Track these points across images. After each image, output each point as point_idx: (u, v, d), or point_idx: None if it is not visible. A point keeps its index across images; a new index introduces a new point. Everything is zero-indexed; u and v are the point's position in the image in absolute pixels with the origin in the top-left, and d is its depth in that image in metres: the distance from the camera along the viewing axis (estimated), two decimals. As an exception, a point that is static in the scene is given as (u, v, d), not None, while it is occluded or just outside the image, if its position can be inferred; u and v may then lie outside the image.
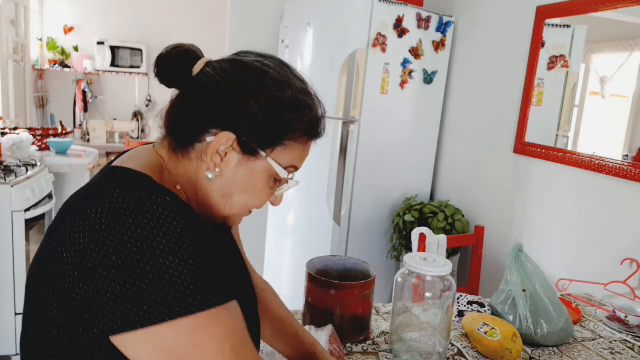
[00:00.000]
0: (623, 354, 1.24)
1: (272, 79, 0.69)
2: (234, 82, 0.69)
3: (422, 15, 2.37)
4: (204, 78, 0.69)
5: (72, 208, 0.63)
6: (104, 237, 0.57)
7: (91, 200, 0.61)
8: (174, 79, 0.71)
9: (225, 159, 0.69)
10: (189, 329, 0.58)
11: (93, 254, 0.57)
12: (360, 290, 1.14)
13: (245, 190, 0.72)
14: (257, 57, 0.73)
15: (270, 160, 0.70)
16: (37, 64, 4.58)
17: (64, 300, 0.59)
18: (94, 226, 0.58)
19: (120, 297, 0.56)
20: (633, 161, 1.64)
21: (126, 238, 0.57)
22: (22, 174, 2.24)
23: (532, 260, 1.30)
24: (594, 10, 1.77)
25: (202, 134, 0.69)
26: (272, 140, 0.70)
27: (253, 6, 2.98)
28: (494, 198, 2.27)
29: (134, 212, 0.58)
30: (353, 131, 2.32)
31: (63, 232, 0.60)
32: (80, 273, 0.57)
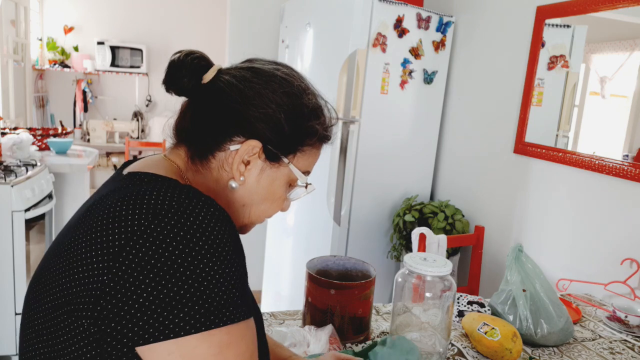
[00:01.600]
0: (623, 354, 1.24)
1: (297, 87, 0.70)
2: (258, 90, 0.68)
3: (422, 15, 2.37)
4: (225, 85, 0.68)
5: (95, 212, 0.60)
6: (142, 239, 0.54)
7: (126, 202, 0.57)
8: (186, 87, 0.69)
9: (248, 167, 0.69)
10: (219, 343, 0.56)
11: (129, 257, 0.54)
12: (360, 290, 1.14)
13: (265, 199, 0.72)
14: (274, 65, 0.73)
15: (291, 166, 0.71)
16: (37, 64, 4.58)
17: (90, 307, 0.55)
18: (131, 227, 0.55)
19: (155, 304, 0.53)
20: (633, 161, 1.64)
21: (167, 240, 0.54)
22: (22, 174, 2.24)
23: (532, 260, 1.30)
24: (594, 10, 1.77)
25: (224, 142, 0.68)
26: (294, 147, 0.71)
27: (253, 6, 2.98)
28: (494, 198, 2.27)
29: (176, 214, 0.55)
30: (353, 131, 2.32)
31: (89, 236, 0.57)
32: (112, 278, 0.54)
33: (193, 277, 0.54)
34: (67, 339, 0.57)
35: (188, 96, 0.71)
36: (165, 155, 0.72)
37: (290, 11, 2.75)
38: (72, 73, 4.78)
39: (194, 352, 0.55)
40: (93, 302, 0.55)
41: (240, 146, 0.67)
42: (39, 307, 0.61)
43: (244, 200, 0.71)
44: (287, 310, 1.33)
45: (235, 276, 0.57)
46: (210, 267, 0.55)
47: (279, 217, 2.81)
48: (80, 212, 0.66)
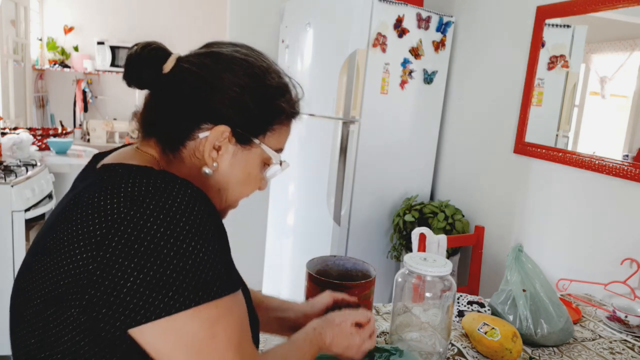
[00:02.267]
0: (623, 354, 1.24)
1: (258, 68, 0.70)
2: (220, 75, 0.68)
3: (422, 15, 2.37)
4: (186, 73, 0.68)
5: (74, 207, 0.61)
6: (123, 226, 0.56)
7: (103, 193, 0.59)
8: (146, 79, 0.69)
9: (220, 153, 0.69)
10: (208, 318, 0.58)
11: (112, 245, 0.55)
12: (360, 290, 1.14)
13: (241, 182, 0.72)
14: (234, 47, 0.73)
15: (263, 146, 0.71)
16: (37, 64, 4.58)
17: (79, 297, 0.57)
18: (111, 216, 0.57)
19: (143, 286, 0.55)
20: (633, 161, 1.64)
21: (148, 224, 0.56)
22: (22, 174, 2.24)
23: (532, 260, 1.30)
24: (594, 10, 1.77)
25: (193, 131, 0.68)
26: (263, 127, 0.71)
27: (253, 6, 2.98)
28: (494, 198, 2.27)
29: (153, 198, 0.57)
30: (353, 131, 2.32)
31: (70, 230, 0.58)
32: (97, 266, 0.56)
33: (177, 256, 0.56)
34: (59, 330, 0.58)
35: (150, 89, 0.71)
36: (137, 147, 0.73)
37: (290, 11, 2.75)
38: (72, 73, 4.78)
39: (185, 329, 0.57)
40: (81, 292, 0.56)
41: (209, 133, 0.67)
42: (28, 304, 0.62)
43: (219, 185, 0.71)
44: (287, 310, 1.33)
45: (218, 252, 0.59)
46: (193, 246, 0.57)
47: (279, 217, 2.82)
48: (59, 209, 0.66)
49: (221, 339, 0.59)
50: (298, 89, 0.76)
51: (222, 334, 0.59)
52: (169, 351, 0.58)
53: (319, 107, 2.43)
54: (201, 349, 0.58)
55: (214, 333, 0.59)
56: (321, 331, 0.83)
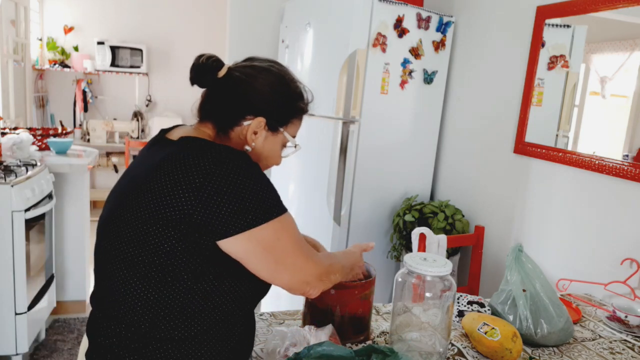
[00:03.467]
0: (623, 354, 1.24)
1: (286, 79, 1.02)
2: (261, 82, 0.98)
3: (422, 15, 2.37)
4: (234, 80, 0.97)
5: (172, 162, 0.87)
6: (215, 176, 0.84)
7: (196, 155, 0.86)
8: (206, 81, 0.97)
9: (257, 136, 0.99)
10: (276, 228, 0.88)
11: (208, 188, 0.83)
12: (360, 290, 1.15)
13: (268, 156, 1.03)
14: (269, 63, 1.02)
15: (285, 133, 1.03)
16: (37, 64, 4.58)
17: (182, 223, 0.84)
18: (205, 170, 0.84)
19: (233, 212, 0.84)
20: (633, 161, 1.64)
21: (230, 175, 0.85)
22: (22, 173, 2.24)
23: (532, 260, 1.30)
24: (594, 10, 1.77)
25: (240, 120, 0.98)
26: (286, 120, 1.03)
27: (253, 6, 2.98)
28: (494, 198, 2.27)
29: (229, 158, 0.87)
30: (353, 131, 2.32)
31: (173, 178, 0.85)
32: (198, 202, 0.83)
33: (250, 192, 0.86)
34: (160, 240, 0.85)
35: (208, 87, 1.00)
36: (197, 127, 1.01)
37: (290, 11, 2.75)
38: (72, 73, 4.78)
39: (263, 236, 0.87)
40: (183, 218, 0.84)
41: (251, 122, 0.98)
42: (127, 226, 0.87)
43: (255, 159, 0.99)
44: (287, 310, 1.34)
45: (271, 187, 0.90)
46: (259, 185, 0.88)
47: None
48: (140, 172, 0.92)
49: (284, 240, 0.90)
50: (309, 94, 1.07)
51: (285, 236, 0.90)
52: (251, 251, 0.87)
53: (319, 107, 2.42)
54: (272, 247, 0.88)
55: (279, 237, 0.89)
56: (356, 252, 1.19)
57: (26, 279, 2.20)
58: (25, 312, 2.20)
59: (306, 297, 1.17)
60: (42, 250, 2.50)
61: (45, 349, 2.51)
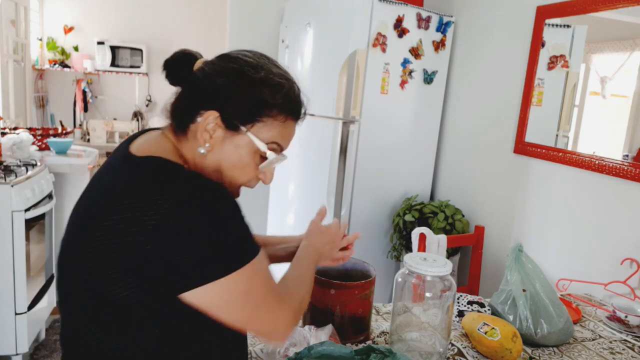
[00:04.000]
0: (623, 354, 1.24)
1: (248, 64, 0.80)
2: (217, 70, 0.80)
3: (422, 15, 2.37)
4: (199, 72, 0.81)
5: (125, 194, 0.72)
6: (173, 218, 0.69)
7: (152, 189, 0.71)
8: (177, 77, 0.82)
9: (213, 136, 0.80)
10: (248, 275, 0.74)
11: (163, 233, 0.68)
12: (360, 290, 1.14)
13: (233, 165, 0.82)
14: (241, 50, 0.85)
15: (250, 134, 0.80)
16: (37, 63, 4.58)
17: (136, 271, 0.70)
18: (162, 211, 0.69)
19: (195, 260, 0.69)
20: (633, 161, 1.64)
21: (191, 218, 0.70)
22: (22, 173, 2.23)
23: (532, 260, 1.30)
24: (594, 10, 1.77)
25: (194, 115, 0.80)
26: (250, 116, 0.80)
27: (253, 6, 2.98)
28: (494, 198, 2.27)
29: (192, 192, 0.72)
30: (353, 131, 2.32)
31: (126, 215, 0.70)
32: (153, 249, 0.69)
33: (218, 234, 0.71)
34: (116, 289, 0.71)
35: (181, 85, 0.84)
36: (162, 132, 0.86)
37: (290, 11, 2.75)
38: (72, 73, 4.77)
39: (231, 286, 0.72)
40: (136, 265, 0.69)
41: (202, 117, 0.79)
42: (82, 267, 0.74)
43: (214, 166, 0.81)
44: (287, 310, 1.33)
45: (245, 225, 0.75)
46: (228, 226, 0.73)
47: (279, 217, 2.82)
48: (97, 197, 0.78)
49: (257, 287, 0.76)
50: (294, 90, 0.84)
51: (257, 283, 0.76)
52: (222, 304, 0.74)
53: (319, 107, 2.43)
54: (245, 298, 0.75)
55: (251, 284, 0.75)
56: (311, 241, 1.04)
57: (26, 279, 2.19)
58: (25, 312, 2.20)
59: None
60: (42, 250, 2.50)
61: (45, 349, 2.51)
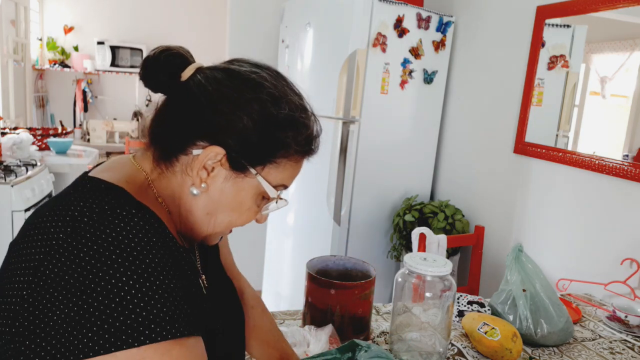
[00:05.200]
0: (623, 354, 1.24)
1: (268, 93, 0.64)
2: (226, 94, 0.63)
3: (422, 15, 2.37)
4: (194, 85, 0.64)
5: (33, 222, 0.57)
6: (59, 253, 0.51)
7: (52, 213, 0.55)
8: (160, 83, 0.65)
9: (212, 175, 0.64)
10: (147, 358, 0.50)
11: (46, 272, 0.50)
12: (360, 290, 1.14)
13: (231, 209, 0.67)
14: (253, 68, 0.67)
15: (260, 178, 0.65)
16: (37, 63, 4.58)
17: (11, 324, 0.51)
18: (51, 242, 0.52)
19: (67, 323, 0.48)
20: (633, 161, 1.64)
21: (81, 255, 0.50)
22: (22, 173, 2.24)
23: (532, 260, 1.30)
24: (594, 10, 1.77)
25: (188, 145, 0.63)
26: (263, 158, 0.65)
27: (253, 6, 2.98)
28: (494, 198, 2.27)
29: (92, 227, 0.52)
30: (353, 131, 2.32)
31: (20, 248, 0.54)
32: (30, 293, 0.50)
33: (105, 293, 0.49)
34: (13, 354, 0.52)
35: (164, 92, 0.67)
36: (134, 157, 0.69)
37: (290, 11, 2.75)
38: (72, 73, 4.78)
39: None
40: (12, 317, 0.51)
41: (202, 151, 0.62)
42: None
43: (207, 209, 0.66)
44: (287, 310, 1.34)
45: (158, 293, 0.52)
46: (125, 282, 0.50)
47: (279, 217, 2.82)
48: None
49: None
50: (315, 127, 0.69)
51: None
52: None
53: (319, 107, 2.42)
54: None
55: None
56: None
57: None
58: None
59: (306, 297, 1.17)
60: (42, 250, 2.50)
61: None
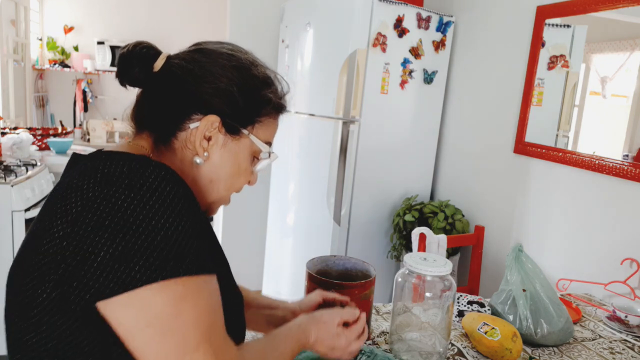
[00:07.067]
0: (623, 354, 1.24)
1: (242, 60, 0.73)
2: (208, 67, 0.71)
3: (422, 15, 2.37)
4: (174, 69, 0.71)
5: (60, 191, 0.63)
6: (97, 203, 0.57)
7: (82, 174, 0.61)
8: (137, 76, 0.71)
9: (210, 143, 0.72)
10: (174, 295, 0.57)
11: (86, 220, 0.57)
12: (360, 290, 1.14)
13: (231, 173, 0.74)
14: (220, 44, 0.76)
15: (252, 137, 0.74)
16: (37, 63, 4.58)
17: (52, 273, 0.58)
18: (87, 194, 0.58)
19: (112, 259, 0.56)
20: (633, 161, 1.64)
21: (119, 202, 0.57)
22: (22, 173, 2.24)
23: (532, 260, 1.30)
24: (594, 10, 1.77)
25: (183, 122, 0.71)
26: (251, 118, 0.74)
27: (253, 6, 2.98)
28: (494, 198, 2.27)
29: (127, 177, 0.59)
30: (353, 131, 2.32)
31: (53, 210, 0.60)
32: (71, 241, 0.57)
33: (146, 231, 0.57)
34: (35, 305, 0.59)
35: (142, 86, 0.73)
36: (130, 142, 0.74)
37: (290, 11, 2.75)
38: (72, 73, 4.78)
39: (150, 303, 0.57)
40: (54, 268, 0.57)
41: (199, 123, 0.70)
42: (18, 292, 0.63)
43: (210, 176, 0.73)
44: (287, 310, 1.33)
45: (188, 231, 0.59)
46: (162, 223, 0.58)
47: (279, 217, 2.82)
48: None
49: (186, 319, 0.58)
50: (283, 83, 0.78)
51: (188, 313, 0.59)
52: (132, 325, 0.57)
53: (319, 107, 2.43)
54: (164, 326, 0.57)
55: (179, 311, 0.58)
56: (305, 328, 0.81)
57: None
58: (25, 312, 2.20)
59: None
60: (42, 250, 2.50)
61: (45, 349, 2.51)
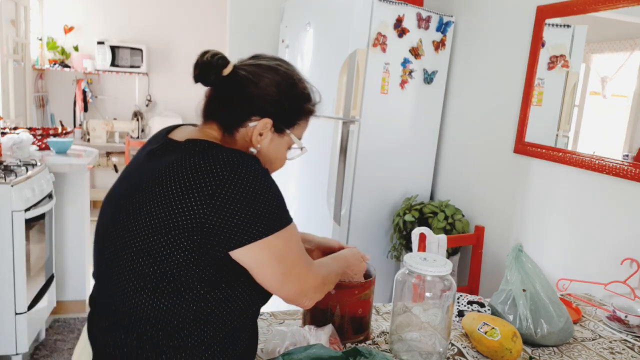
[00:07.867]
0: (623, 354, 1.24)
1: (293, 79, 0.99)
2: (268, 83, 0.95)
3: (422, 15, 2.37)
4: (240, 78, 0.94)
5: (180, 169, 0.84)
6: (228, 182, 0.82)
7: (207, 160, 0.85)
8: (211, 79, 0.93)
9: (263, 137, 0.96)
10: (286, 237, 0.88)
11: (221, 195, 0.82)
12: (360, 290, 1.15)
13: (274, 159, 1.01)
14: (276, 62, 0.99)
15: (292, 135, 1.00)
16: (37, 63, 4.58)
17: (194, 232, 0.82)
18: (218, 177, 0.82)
19: (247, 220, 0.83)
20: (633, 161, 1.64)
21: (244, 182, 0.83)
22: (22, 173, 2.23)
23: (532, 260, 1.30)
24: (594, 10, 1.77)
25: (245, 121, 0.95)
26: (293, 122, 1.00)
27: (253, 6, 2.98)
28: (494, 198, 2.27)
29: (240, 164, 0.85)
30: (353, 131, 2.32)
31: (183, 185, 0.83)
32: (210, 210, 0.82)
33: (263, 200, 0.84)
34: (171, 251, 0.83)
35: (212, 86, 0.96)
36: (201, 128, 0.97)
37: (290, 11, 2.75)
38: (72, 73, 4.78)
39: (275, 245, 0.86)
40: (195, 226, 0.82)
41: (257, 123, 0.94)
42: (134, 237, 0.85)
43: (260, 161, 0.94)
44: (287, 310, 1.33)
45: (280, 196, 0.89)
46: (271, 193, 0.86)
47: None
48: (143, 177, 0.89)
49: (293, 250, 0.90)
50: (317, 95, 1.05)
51: (293, 246, 0.91)
52: (265, 260, 0.87)
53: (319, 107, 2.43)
54: (283, 256, 0.88)
55: (289, 246, 0.89)
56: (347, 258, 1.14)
57: (26, 279, 2.19)
58: (25, 312, 2.20)
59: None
60: (42, 250, 2.50)
61: (45, 349, 2.51)
